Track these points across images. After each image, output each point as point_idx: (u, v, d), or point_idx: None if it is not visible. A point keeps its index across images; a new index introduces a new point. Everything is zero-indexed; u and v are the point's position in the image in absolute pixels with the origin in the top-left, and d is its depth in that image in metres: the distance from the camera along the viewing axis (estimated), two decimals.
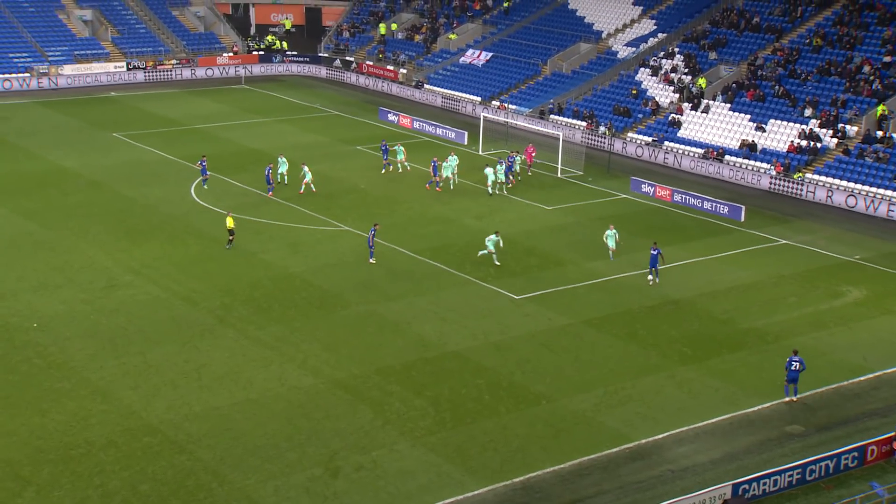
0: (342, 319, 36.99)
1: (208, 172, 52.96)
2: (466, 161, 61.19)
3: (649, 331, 36.79)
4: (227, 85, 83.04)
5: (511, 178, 54.40)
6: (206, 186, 52.20)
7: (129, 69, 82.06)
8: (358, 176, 56.05)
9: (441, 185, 53.52)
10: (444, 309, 38.12)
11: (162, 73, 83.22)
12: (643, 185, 54.81)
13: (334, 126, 68.77)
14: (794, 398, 31.42)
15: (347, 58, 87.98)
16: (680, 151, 61.84)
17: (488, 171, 52.95)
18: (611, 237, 43.05)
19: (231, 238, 43.22)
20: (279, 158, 53.65)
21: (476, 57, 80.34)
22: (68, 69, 79.72)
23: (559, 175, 57.87)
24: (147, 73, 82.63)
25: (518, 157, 55.59)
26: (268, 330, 35.89)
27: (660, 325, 37.36)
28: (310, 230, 46.58)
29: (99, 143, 62.36)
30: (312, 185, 51.63)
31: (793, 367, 31.20)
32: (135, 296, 38.52)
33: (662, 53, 71.40)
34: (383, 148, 56.93)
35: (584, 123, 67.09)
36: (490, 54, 79.96)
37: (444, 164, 53.80)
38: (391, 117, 70.42)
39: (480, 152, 62.65)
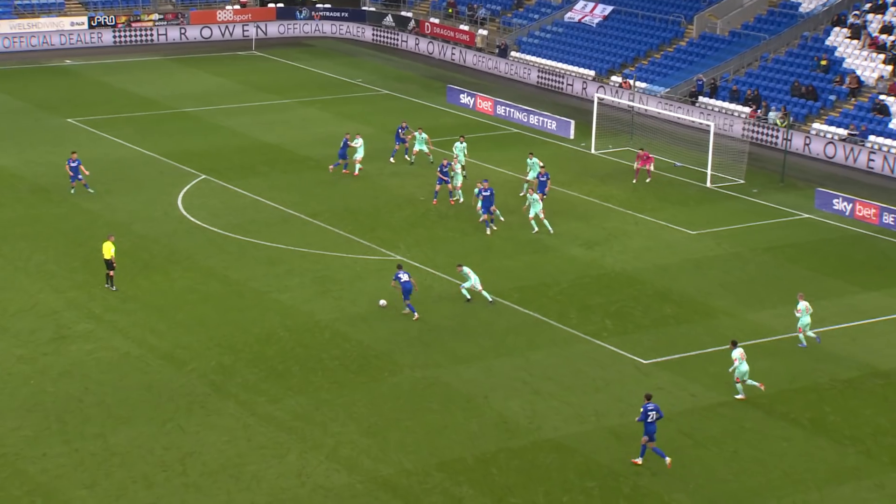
0: (390, 390, 36.95)
1: (83, 176, 52.58)
2: (575, 165, 60.87)
3: (845, 416, 36.06)
4: (231, 51, 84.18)
5: (450, 192, 53.27)
6: (88, 190, 52.79)
7: (91, 27, 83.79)
8: (416, 183, 56.32)
9: (413, 159, 57.77)
10: (539, 377, 37.87)
11: (138, 32, 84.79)
12: (835, 201, 54.10)
13: (382, 111, 69.11)
14: (667, 460, 33.03)
15: (403, 13, 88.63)
16: (892, 150, 60.94)
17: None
18: None
19: (110, 274, 43.24)
20: (356, 140, 55.95)
21: (589, 12, 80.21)
22: (5, 26, 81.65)
23: (709, 184, 57.44)
24: (117, 34, 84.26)
25: (452, 165, 53.60)
26: (284, 403, 35.97)
27: (862, 408, 36.61)
28: (346, 260, 46.73)
29: (48, 132, 63.56)
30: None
31: (648, 420, 32.98)
32: (94, 352, 38.90)
33: (868, 5, 70.53)
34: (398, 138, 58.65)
35: (746, 109, 66.51)
36: (610, 8, 79.83)
37: (418, 135, 57.96)
38: (464, 99, 70.56)
39: (593, 150, 62.39)
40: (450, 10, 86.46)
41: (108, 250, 43.11)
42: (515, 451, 33.64)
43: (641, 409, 33.33)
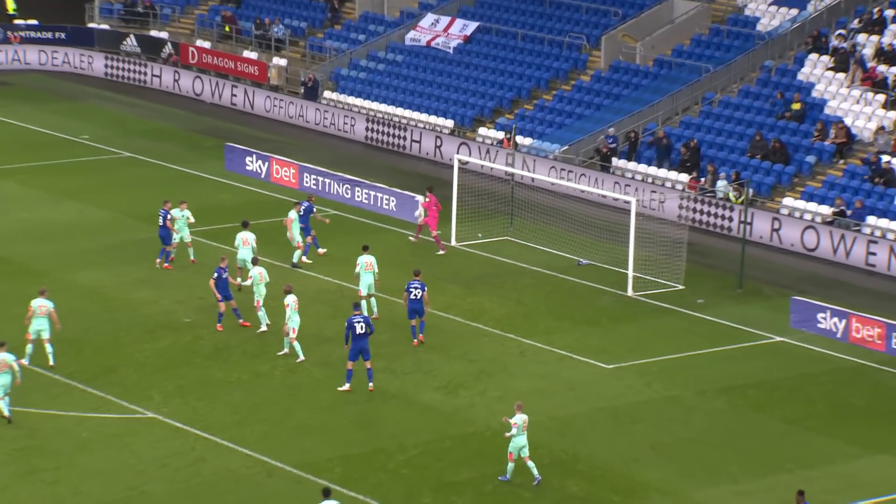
0: None
1: None
2: (426, 263, 60.78)
3: None
4: None
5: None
6: None
7: None
8: (177, 297, 55.76)
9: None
10: None
11: None
12: (820, 316, 54.67)
13: (124, 184, 69.02)
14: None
15: (153, 33, 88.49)
16: None
17: None
18: None
19: None
20: (179, 212, 57.53)
21: (443, 31, 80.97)
22: None
23: (630, 292, 58.12)
24: None
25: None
26: None
27: None
28: (65, 421, 45.86)
29: None
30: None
31: (412, 296, 51.49)
32: None
33: (858, 22, 72.19)
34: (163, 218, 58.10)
35: (684, 176, 67.34)
36: (474, 24, 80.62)
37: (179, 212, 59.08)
38: (252, 165, 70.50)
39: (454, 242, 62.37)
40: (227, 29, 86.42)
41: None
42: None
43: None
